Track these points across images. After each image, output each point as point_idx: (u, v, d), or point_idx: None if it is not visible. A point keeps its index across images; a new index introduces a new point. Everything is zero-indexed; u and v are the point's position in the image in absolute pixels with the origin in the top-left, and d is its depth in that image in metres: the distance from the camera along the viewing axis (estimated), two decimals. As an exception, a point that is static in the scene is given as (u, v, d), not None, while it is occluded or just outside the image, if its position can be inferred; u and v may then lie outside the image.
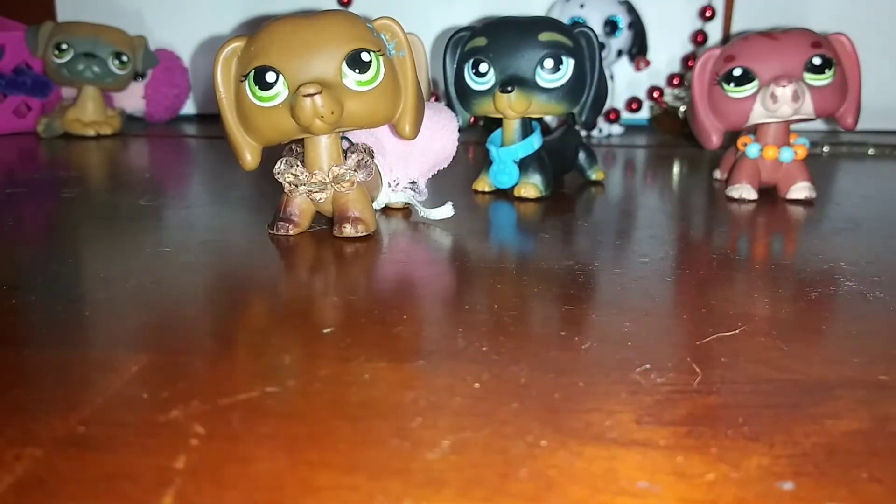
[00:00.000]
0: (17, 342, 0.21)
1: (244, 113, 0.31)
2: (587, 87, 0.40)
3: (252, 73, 0.30)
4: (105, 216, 0.38)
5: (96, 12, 0.83)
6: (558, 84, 0.39)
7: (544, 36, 0.39)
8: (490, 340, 0.21)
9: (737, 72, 0.41)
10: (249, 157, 0.32)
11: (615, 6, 0.69)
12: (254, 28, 0.32)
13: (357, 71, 0.30)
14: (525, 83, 0.39)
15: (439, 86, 0.80)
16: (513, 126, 0.41)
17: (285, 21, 0.31)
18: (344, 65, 0.30)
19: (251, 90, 0.30)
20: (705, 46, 0.79)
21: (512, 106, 0.39)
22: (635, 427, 0.16)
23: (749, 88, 0.40)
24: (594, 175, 0.47)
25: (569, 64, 0.39)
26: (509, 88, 0.38)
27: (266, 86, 0.30)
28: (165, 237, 0.33)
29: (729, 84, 0.41)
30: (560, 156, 0.45)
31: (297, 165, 0.33)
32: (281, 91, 0.30)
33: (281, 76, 0.30)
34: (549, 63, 0.39)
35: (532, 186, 0.41)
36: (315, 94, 0.29)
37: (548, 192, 0.42)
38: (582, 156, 0.47)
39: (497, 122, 0.43)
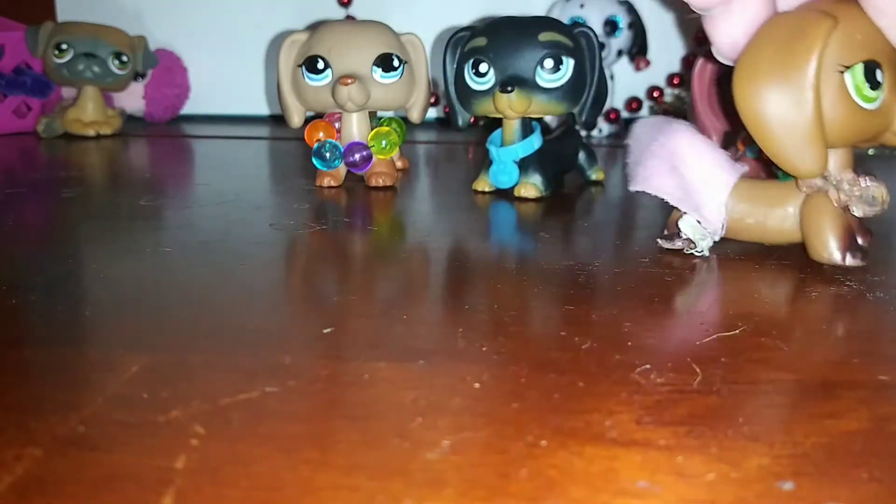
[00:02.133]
0: (17, 342, 0.21)
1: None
2: (587, 87, 0.40)
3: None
4: (105, 216, 0.38)
5: (96, 12, 0.83)
6: (558, 84, 0.39)
7: (544, 36, 0.39)
8: (490, 340, 0.21)
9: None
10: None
11: (615, 6, 0.69)
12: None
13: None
14: (525, 83, 0.39)
15: (439, 86, 0.80)
16: (513, 126, 0.41)
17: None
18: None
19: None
20: (705, 46, 0.79)
21: (512, 106, 0.39)
22: (635, 427, 0.16)
23: None
24: (594, 175, 0.47)
25: (569, 64, 0.39)
26: (509, 88, 0.38)
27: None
28: (165, 237, 0.33)
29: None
30: (560, 156, 0.45)
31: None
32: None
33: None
34: (549, 63, 0.39)
35: (532, 186, 0.41)
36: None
37: (548, 192, 0.42)
38: (582, 156, 0.47)
39: (497, 122, 0.43)
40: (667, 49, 0.79)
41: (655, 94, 0.78)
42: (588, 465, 0.15)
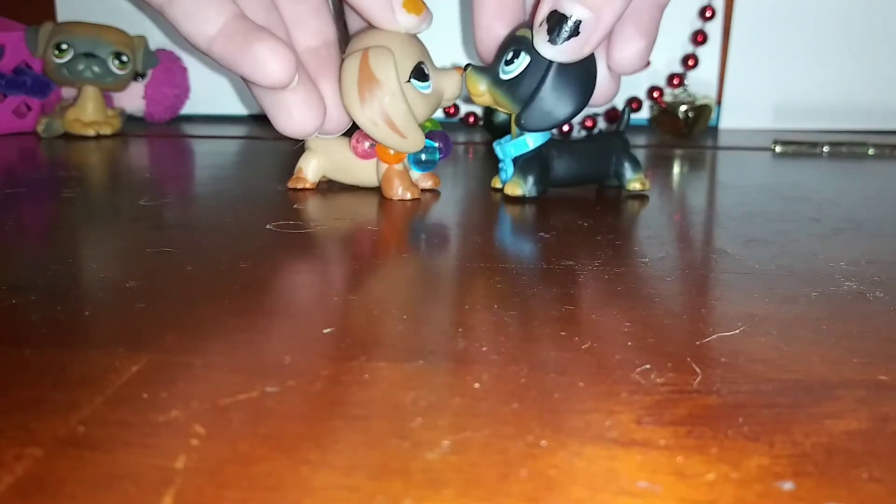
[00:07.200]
0: (17, 342, 0.21)
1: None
2: (533, 91, 0.39)
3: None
4: (105, 216, 0.38)
5: (96, 12, 0.83)
6: (508, 77, 0.39)
7: (522, 31, 0.39)
8: (490, 340, 0.21)
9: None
10: None
11: (615, 6, 0.69)
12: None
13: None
14: (488, 70, 0.40)
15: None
16: (512, 123, 0.41)
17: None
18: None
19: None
20: (705, 46, 0.79)
21: (468, 86, 0.40)
22: (635, 427, 0.16)
23: None
24: (631, 185, 0.43)
25: (524, 60, 0.39)
26: (466, 66, 0.40)
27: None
28: (165, 237, 0.33)
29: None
30: (589, 160, 0.43)
31: None
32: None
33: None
34: (509, 55, 0.39)
35: (516, 184, 0.41)
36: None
37: (533, 193, 0.41)
38: (621, 162, 0.43)
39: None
40: (667, 49, 0.79)
41: (655, 94, 0.78)
42: (588, 465, 0.15)
